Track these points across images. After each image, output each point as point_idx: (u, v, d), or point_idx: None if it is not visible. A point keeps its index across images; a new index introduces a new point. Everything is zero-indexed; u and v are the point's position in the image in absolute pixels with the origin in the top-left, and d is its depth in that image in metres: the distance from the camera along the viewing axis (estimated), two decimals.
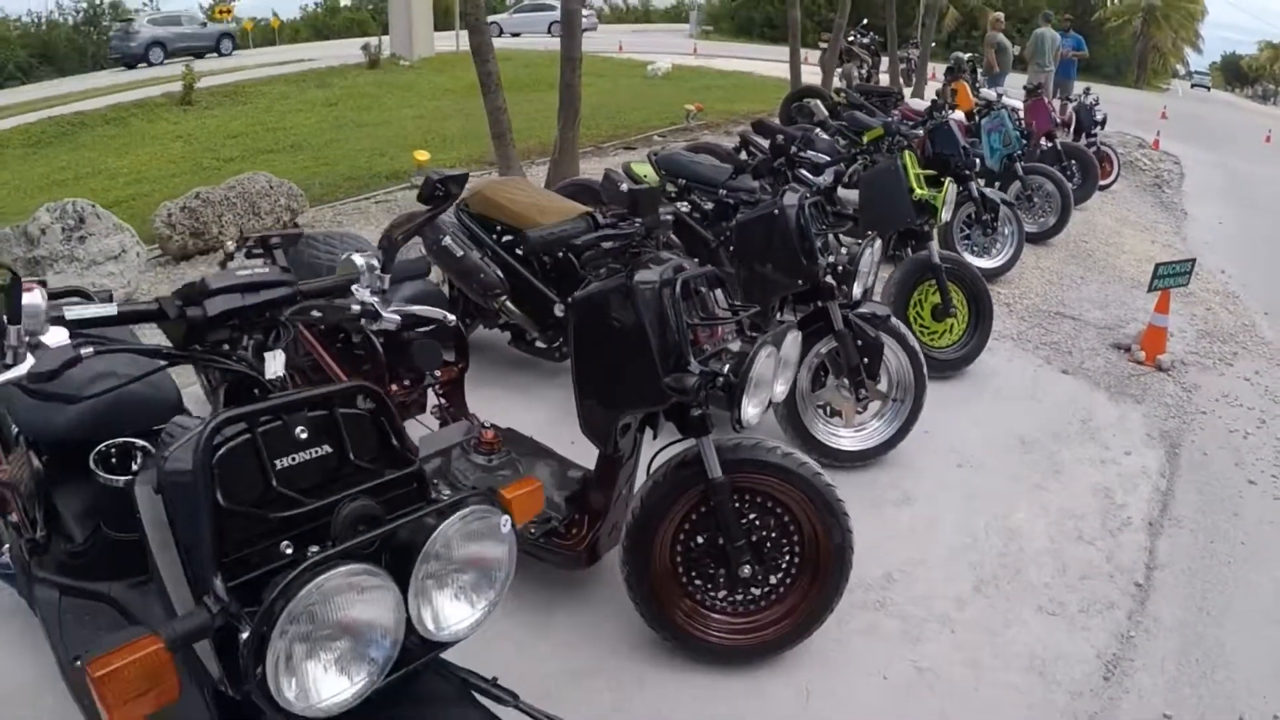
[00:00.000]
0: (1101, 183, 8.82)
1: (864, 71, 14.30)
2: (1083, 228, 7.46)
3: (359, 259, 1.51)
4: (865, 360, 3.17)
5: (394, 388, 2.82)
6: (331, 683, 1.05)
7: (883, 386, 3.33)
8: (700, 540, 2.23)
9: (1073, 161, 7.92)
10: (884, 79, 14.35)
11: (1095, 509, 3.37)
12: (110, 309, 1.18)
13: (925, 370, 3.33)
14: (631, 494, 2.31)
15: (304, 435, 1.16)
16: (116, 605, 1.86)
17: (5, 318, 1.03)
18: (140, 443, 1.80)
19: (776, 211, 3.04)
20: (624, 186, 4.21)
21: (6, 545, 2.04)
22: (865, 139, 4.72)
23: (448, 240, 3.38)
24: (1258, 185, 12.62)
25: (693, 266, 2.21)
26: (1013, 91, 8.58)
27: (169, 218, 5.27)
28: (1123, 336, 5.08)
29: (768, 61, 19.93)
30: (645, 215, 2.13)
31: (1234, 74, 64.37)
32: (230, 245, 2.29)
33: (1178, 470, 3.79)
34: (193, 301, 1.21)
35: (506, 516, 1.20)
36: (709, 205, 3.93)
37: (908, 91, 12.92)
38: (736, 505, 2.18)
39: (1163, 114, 17.70)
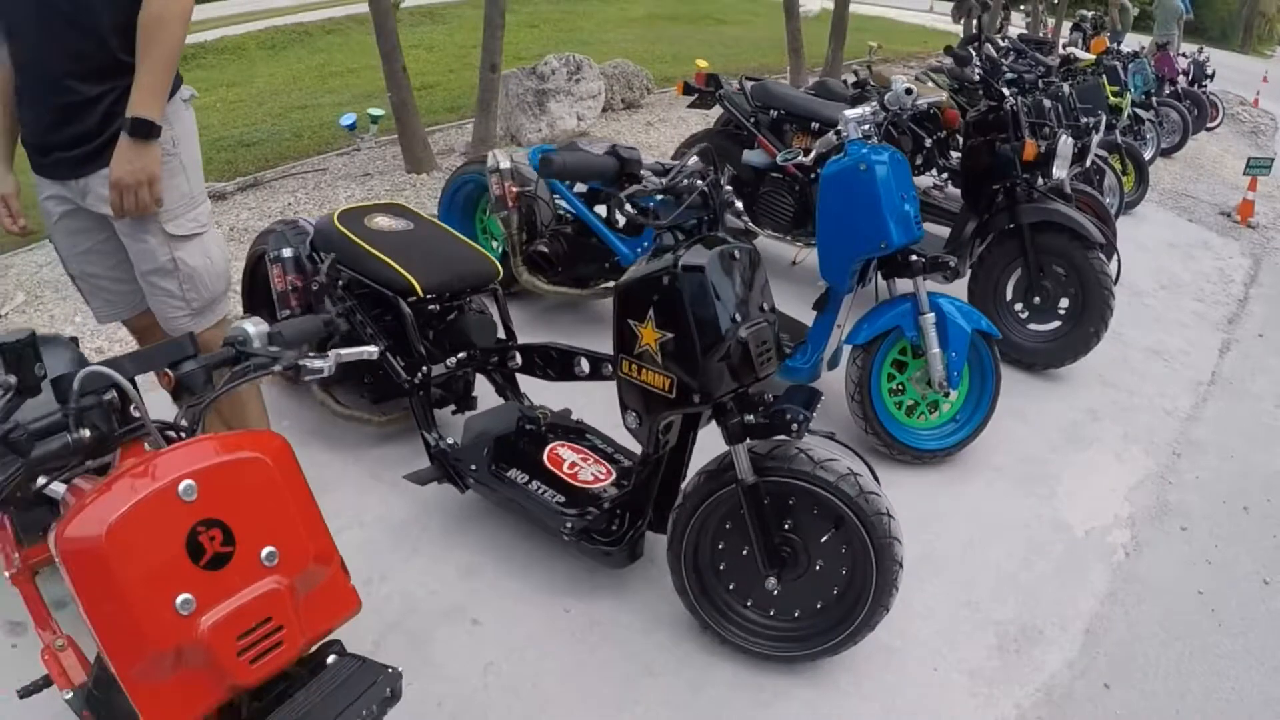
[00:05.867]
0: (1209, 125, 11.62)
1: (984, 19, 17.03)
2: (1195, 152, 10.33)
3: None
4: (1098, 175, 6.14)
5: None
6: None
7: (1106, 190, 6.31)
8: None
9: (1188, 102, 10.69)
10: (1011, 30, 17.01)
11: (1214, 275, 6.36)
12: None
13: (1123, 184, 6.30)
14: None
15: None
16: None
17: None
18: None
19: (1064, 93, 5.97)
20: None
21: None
22: (1079, 64, 7.59)
23: None
24: None
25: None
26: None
27: None
28: (1226, 207, 8.01)
29: (901, 9, 22.61)
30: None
31: None
32: None
33: (1260, 268, 6.75)
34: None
35: None
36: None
37: None
38: None
39: (1264, 78, 20.13)
